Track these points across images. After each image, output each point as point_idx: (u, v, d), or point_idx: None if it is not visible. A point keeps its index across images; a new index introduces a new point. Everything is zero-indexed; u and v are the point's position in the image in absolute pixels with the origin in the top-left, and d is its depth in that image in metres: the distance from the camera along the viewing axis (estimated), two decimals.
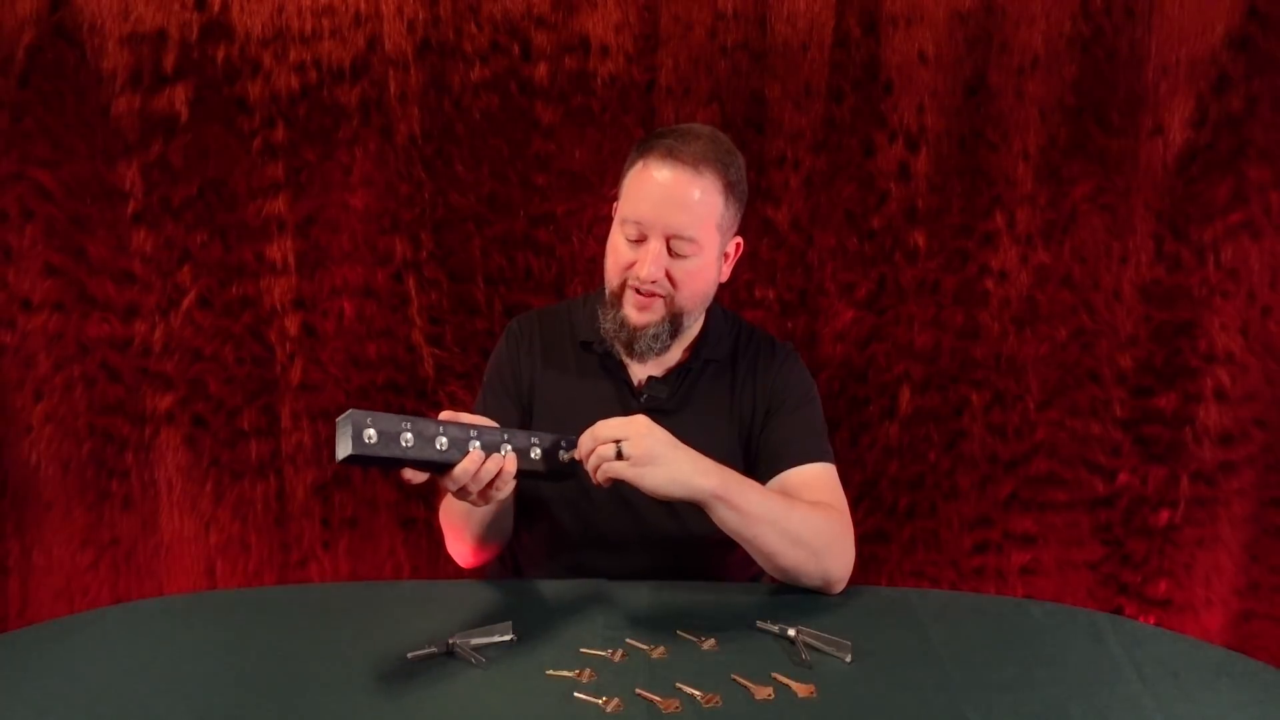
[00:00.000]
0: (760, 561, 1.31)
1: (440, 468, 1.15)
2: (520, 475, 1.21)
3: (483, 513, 1.35)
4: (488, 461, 1.16)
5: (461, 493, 1.18)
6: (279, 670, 1.12)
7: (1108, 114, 1.80)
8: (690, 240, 1.34)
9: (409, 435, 1.11)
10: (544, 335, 1.51)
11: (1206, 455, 1.90)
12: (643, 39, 1.80)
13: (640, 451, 1.19)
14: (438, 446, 1.14)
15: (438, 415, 1.20)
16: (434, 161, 1.85)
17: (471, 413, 1.29)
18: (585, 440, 1.22)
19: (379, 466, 1.14)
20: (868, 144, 1.84)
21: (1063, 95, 1.80)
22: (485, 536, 1.41)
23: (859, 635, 1.17)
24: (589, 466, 1.22)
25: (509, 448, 1.20)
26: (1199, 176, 1.81)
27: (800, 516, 1.29)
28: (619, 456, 1.19)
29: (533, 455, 1.23)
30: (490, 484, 1.18)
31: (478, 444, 1.17)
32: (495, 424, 1.22)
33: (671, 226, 1.33)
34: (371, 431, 1.09)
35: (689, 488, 1.22)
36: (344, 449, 1.08)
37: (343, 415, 1.09)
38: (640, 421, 1.21)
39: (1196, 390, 1.88)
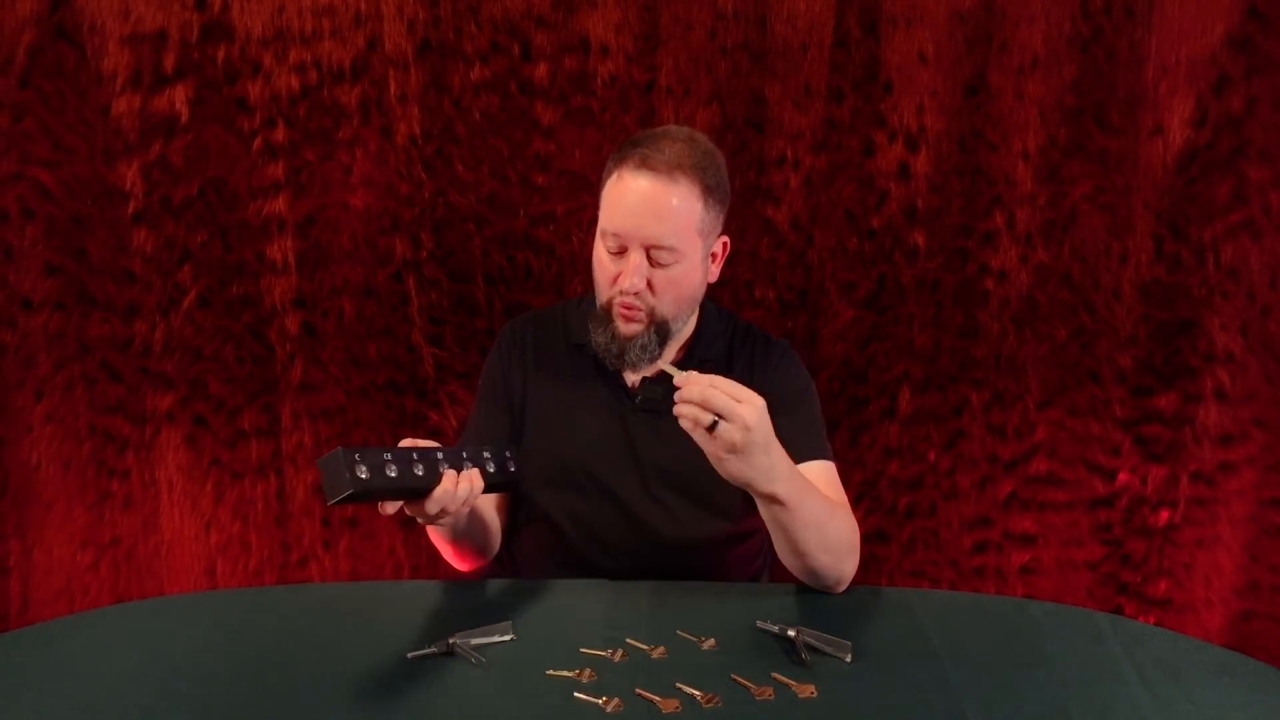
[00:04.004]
0: (786, 556, 1.29)
1: (418, 494, 1.16)
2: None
3: (461, 531, 1.36)
4: (461, 480, 1.18)
5: (440, 514, 1.18)
6: (279, 670, 1.12)
7: (1107, 114, 1.80)
8: (671, 249, 1.32)
9: (392, 466, 1.12)
10: (536, 338, 1.51)
11: (1206, 455, 1.90)
12: (643, 39, 1.80)
13: (734, 440, 1.13)
14: (416, 473, 1.14)
15: (402, 438, 1.20)
16: (434, 161, 1.85)
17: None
18: (693, 390, 1.14)
19: (364, 501, 1.13)
20: (868, 144, 1.84)
21: (1062, 95, 1.80)
22: (468, 552, 1.43)
23: (859, 635, 1.17)
24: (681, 412, 1.15)
25: (470, 464, 1.21)
26: (1199, 176, 1.81)
27: (836, 524, 1.28)
28: (712, 427, 1.13)
29: (489, 470, 1.25)
30: (464, 501, 1.19)
31: (446, 465, 1.17)
32: (439, 445, 1.22)
33: (650, 237, 1.32)
34: (363, 467, 1.08)
35: (752, 487, 1.19)
36: (342, 489, 1.07)
37: (326, 456, 1.08)
38: (751, 409, 1.14)
39: (1196, 390, 1.88)
